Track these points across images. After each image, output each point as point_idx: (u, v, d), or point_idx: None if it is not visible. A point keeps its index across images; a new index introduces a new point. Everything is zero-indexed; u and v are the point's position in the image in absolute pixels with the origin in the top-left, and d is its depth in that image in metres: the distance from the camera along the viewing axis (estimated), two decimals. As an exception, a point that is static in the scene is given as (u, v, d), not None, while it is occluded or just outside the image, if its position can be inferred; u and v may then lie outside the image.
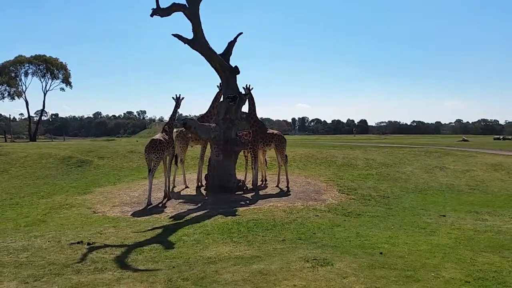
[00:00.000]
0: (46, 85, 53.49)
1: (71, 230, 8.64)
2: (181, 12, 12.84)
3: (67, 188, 14.51)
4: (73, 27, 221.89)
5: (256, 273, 5.41)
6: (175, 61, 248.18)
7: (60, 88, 54.15)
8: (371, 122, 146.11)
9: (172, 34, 13.01)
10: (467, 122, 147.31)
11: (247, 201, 12.03)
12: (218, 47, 13.95)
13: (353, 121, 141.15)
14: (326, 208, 11.01)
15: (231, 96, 12.92)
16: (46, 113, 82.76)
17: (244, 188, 13.90)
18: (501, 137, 45.81)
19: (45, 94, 54.26)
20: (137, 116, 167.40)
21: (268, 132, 14.22)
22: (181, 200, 12.29)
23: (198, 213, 10.38)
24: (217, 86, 15.09)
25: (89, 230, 8.64)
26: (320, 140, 47.83)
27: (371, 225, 9.26)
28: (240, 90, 13.99)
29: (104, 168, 18.78)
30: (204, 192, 13.79)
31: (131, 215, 10.48)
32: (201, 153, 14.84)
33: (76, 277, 5.33)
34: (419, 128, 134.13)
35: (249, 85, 14.21)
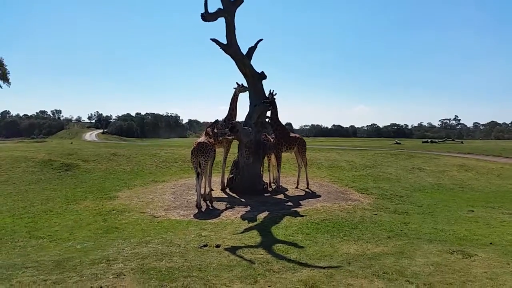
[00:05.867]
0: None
1: (167, 235, 8.51)
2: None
3: (80, 194, 13.73)
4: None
5: (437, 265, 6.13)
6: (91, 59, 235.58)
7: (-4, 86, 48.65)
8: (295, 126, 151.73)
9: (211, 39, 13.07)
10: (377, 126, 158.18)
11: (290, 203, 12.52)
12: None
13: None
14: (371, 207, 11.96)
15: (269, 100, 13.35)
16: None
17: (269, 189, 14.39)
18: (429, 140, 51.02)
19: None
20: (52, 115, 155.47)
21: (291, 135, 14.81)
22: (225, 203, 12.40)
23: (263, 214, 10.67)
24: (233, 88, 15.17)
25: (186, 234, 8.60)
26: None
27: (431, 221, 10.39)
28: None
29: (97, 172, 17.85)
30: (232, 194, 13.93)
31: (196, 218, 10.43)
32: (224, 156, 14.97)
33: (290, 276, 5.59)
34: (338, 131, 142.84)
35: (273, 91, 14.69)
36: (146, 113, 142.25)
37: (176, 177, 17.33)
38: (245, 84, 14.57)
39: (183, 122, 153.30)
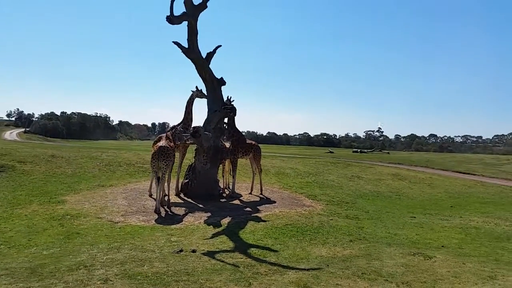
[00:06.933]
0: None
1: (135, 241, 8.33)
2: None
3: (23, 198, 12.83)
4: None
5: (406, 266, 6.73)
6: (11, 51, 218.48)
7: None
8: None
9: (173, 42, 12.99)
10: (308, 134, 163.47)
11: (248, 208, 12.74)
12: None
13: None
14: (325, 213, 12.58)
15: (230, 107, 13.52)
16: None
17: (224, 195, 14.53)
18: (359, 150, 54.10)
19: None
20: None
21: (247, 142, 15.09)
22: (184, 208, 12.31)
23: (226, 220, 10.80)
24: (191, 90, 15.02)
25: (154, 240, 8.48)
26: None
27: (381, 226, 11.21)
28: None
29: (36, 174, 16.71)
30: (187, 199, 13.84)
31: (158, 223, 10.28)
32: (180, 161, 14.80)
33: (279, 278, 5.80)
34: (273, 139, 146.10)
35: (231, 97, 14.87)
36: (72, 112, 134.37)
37: (123, 181, 16.76)
38: (204, 90, 14.55)
39: (113, 123, 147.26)
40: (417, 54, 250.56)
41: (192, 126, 13.67)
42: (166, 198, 12.44)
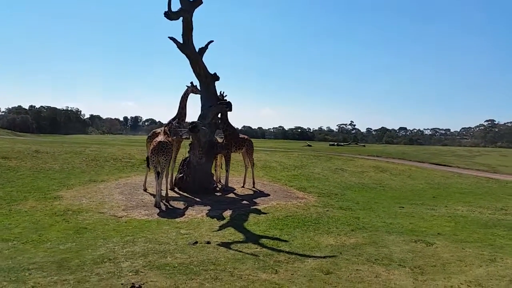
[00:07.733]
0: None
1: (145, 234, 8.49)
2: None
3: (16, 194, 12.68)
4: None
5: (412, 252, 7.19)
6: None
7: None
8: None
9: (169, 37, 13.04)
10: (283, 128, 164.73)
11: (245, 201, 13.03)
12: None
13: (186, 122, 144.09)
14: (319, 204, 13.02)
15: (226, 102, 13.72)
16: None
17: (218, 189, 14.76)
18: (336, 143, 55.17)
19: None
20: None
21: (240, 137, 15.34)
22: (182, 202, 12.49)
23: (227, 213, 11.07)
24: (186, 86, 15.13)
25: (164, 232, 8.67)
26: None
27: (375, 215, 11.73)
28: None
29: (23, 171, 16.44)
30: (183, 193, 14.00)
31: (162, 217, 10.44)
32: (174, 155, 14.89)
33: (301, 265, 6.13)
34: (248, 132, 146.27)
35: (223, 92, 15.06)
36: (41, 106, 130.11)
37: (114, 176, 16.71)
38: (198, 85, 14.69)
39: (85, 118, 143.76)
40: (387, 50, 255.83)
41: (191, 121, 13.76)
42: (163, 192, 12.55)
